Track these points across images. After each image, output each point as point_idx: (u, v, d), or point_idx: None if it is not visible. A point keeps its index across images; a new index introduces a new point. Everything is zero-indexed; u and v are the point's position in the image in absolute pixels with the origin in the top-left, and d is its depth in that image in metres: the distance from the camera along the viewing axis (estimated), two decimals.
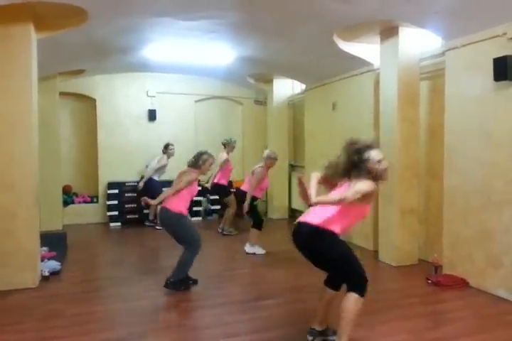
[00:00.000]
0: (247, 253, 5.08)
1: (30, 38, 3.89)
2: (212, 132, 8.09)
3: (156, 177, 6.76)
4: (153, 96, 7.62)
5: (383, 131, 4.74)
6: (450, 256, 4.04)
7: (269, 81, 7.63)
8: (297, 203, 7.51)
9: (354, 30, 4.48)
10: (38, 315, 3.24)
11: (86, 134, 7.52)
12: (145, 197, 3.87)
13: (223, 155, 6.30)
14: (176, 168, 7.41)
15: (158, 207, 3.91)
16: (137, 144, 7.54)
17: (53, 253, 4.62)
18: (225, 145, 6.44)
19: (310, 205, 2.45)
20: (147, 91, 7.59)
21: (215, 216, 7.74)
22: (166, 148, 6.80)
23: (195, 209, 7.45)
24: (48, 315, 3.24)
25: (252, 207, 5.19)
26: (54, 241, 5.05)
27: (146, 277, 4.23)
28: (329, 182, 2.71)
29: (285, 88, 7.66)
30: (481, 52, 3.67)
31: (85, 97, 7.36)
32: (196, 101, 8.00)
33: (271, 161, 5.15)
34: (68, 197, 7.13)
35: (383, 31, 4.55)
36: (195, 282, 3.89)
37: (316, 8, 3.86)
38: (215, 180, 6.29)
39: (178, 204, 3.75)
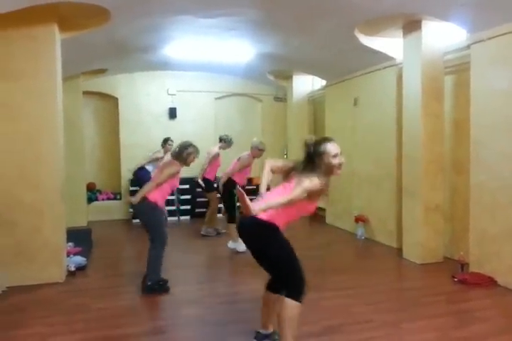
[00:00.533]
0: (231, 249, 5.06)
1: (55, 38, 3.97)
2: (232, 129, 8.08)
3: (149, 168, 6.59)
4: (174, 95, 7.69)
5: (407, 127, 4.66)
6: (477, 254, 3.95)
7: (288, 77, 7.60)
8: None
9: (376, 24, 4.41)
10: (65, 308, 3.32)
11: (109, 132, 7.65)
12: (129, 197, 3.69)
13: (215, 150, 6.04)
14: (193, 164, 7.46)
15: None
16: (158, 142, 7.59)
17: (79, 249, 4.72)
18: (221, 139, 6.16)
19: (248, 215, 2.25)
20: (168, 90, 7.66)
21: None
22: (165, 143, 6.72)
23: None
24: (74, 309, 3.31)
25: (230, 197, 5.03)
26: (79, 237, 5.16)
27: (168, 273, 4.26)
28: (286, 172, 2.58)
29: (305, 84, 7.62)
30: (508, 44, 3.56)
31: (108, 96, 7.48)
32: (216, 99, 8.03)
33: (257, 152, 5.04)
34: (92, 194, 7.27)
35: (406, 25, 4.47)
36: (166, 282, 3.75)
37: (336, 3, 3.82)
38: (204, 174, 6.00)
39: (156, 195, 3.63)
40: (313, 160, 2.44)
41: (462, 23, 3.94)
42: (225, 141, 6.11)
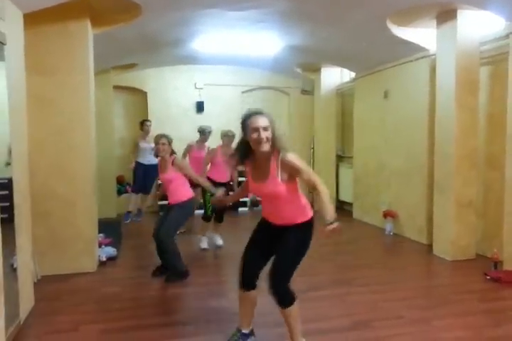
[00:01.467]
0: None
1: (88, 33, 4.04)
2: None
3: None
4: (201, 88, 7.72)
5: (439, 120, 4.53)
6: (511, 251, 3.82)
7: (316, 70, 7.50)
8: (345, 194, 7.39)
9: (408, 14, 4.28)
10: (97, 297, 3.42)
11: (138, 126, 7.75)
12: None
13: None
14: None
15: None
16: (186, 135, 7.66)
17: (109, 240, 4.84)
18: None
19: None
20: (195, 84, 7.70)
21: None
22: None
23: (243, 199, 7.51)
24: (105, 298, 3.40)
25: (204, 196, 4.89)
26: (109, 229, 5.30)
27: (198, 264, 4.33)
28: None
29: (333, 77, 7.50)
30: None
31: (137, 90, 7.58)
32: (243, 92, 8.02)
33: (227, 138, 4.95)
34: (122, 186, 7.42)
35: (440, 14, 4.32)
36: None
37: None
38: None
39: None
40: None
41: (500, 11, 3.77)
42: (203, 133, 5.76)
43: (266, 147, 2.19)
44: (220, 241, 5.11)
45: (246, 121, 2.26)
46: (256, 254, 2.44)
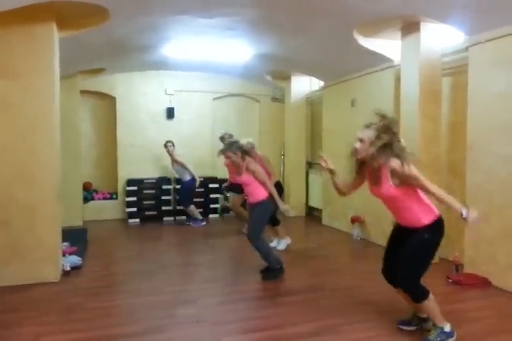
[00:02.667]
0: None
1: (53, 37, 3.96)
2: (230, 129, 8.02)
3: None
4: (172, 94, 7.68)
5: (403, 129, 4.64)
6: (472, 255, 3.96)
7: (286, 78, 7.61)
8: (314, 201, 7.48)
9: (374, 25, 4.42)
10: (59, 308, 3.30)
11: (106, 132, 7.63)
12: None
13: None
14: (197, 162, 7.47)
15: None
16: (156, 142, 7.60)
17: (74, 249, 4.70)
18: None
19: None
20: (165, 90, 7.65)
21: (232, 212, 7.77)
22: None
23: (212, 206, 7.50)
24: (68, 308, 3.30)
25: None
26: (74, 237, 5.14)
27: (164, 272, 4.27)
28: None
29: (303, 85, 7.63)
30: (506, 47, 3.58)
31: (105, 95, 7.46)
32: (214, 99, 8.02)
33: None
34: (88, 193, 7.25)
35: (404, 27, 4.48)
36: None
37: (335, 4, 3.83)
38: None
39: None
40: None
41: (460, 25, 3.95)
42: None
43: (357, 156, 2.66)
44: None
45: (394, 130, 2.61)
46: (393, 253, 2.80)
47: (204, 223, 6.89)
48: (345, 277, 4.11)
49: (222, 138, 5.98)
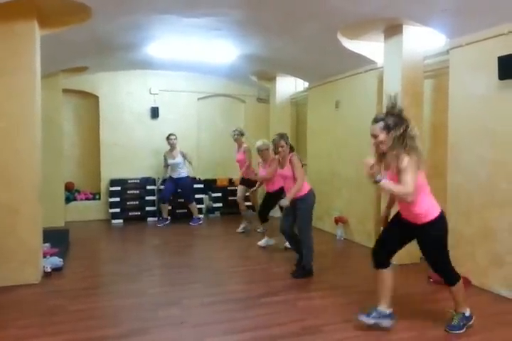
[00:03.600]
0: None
1: (34, 34, 3.90)
2: (215, 130, 8.11)
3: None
4: (156, 94, 7.62)
5: None
6: (452, 255, 3.95)
7: (271, 79, 7.63)
8: None
9: (358, 28, 4.46)
10: (40, 310, 3.25)
11: (89, 131, 7.53)
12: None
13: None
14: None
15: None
16: (140, 141, 7.55)
17: (55, 250, 4.63)
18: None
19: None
20: (150, 89, 7.60)
21: (217, 213, 7.76)
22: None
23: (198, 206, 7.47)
24: (50, 310, 3.25)
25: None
26: (56, 238, 5.07)
27: (148, 274, 4.24)
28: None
29: (288, 86, 7.65)
30: (486, 50, 3.65)
31: (88, 94, 7.36)
32: (199, 99, 8.00)
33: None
34: (70, 193, 7.15)
35: (387, 29, 4.53)
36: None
37: (319, 6, 3.85)
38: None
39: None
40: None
41: (442, 28, 4.02)
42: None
43: (380, 150, 2.80)
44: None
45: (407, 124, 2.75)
46: (390, 236, 2.97)
47: (201, 222, 6.97)
48: (329, 277, 4.13)
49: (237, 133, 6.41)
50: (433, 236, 2.80)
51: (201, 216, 7.24)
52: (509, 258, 3.49)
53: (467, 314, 2.92)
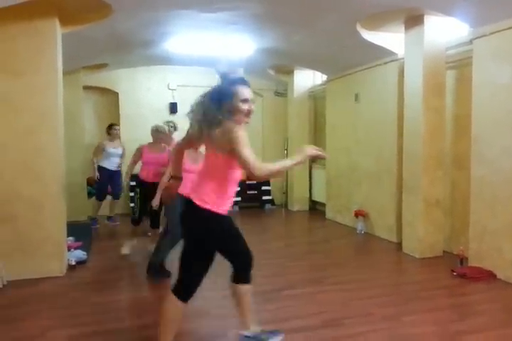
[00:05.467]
0: None
1: (56, 32, 3.95)
2: None
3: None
4: (174, 89, 7.67)
5: (407, 122, 4.66)
6: (477, 248, 3.96)
7: (289, 72, 7.58)
8: (318, 195, 7.48)
9: (378, 19, 4.39)
10: (64, 302, 3.33)
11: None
12: None
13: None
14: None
15: None
16: None
17: (79, 243, 4.74)
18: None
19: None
20: (168, 85, 7.65)
21: (235, 208, 7.78)
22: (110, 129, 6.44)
23: None
24: (74, 302, 3.32)
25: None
26: (79, 232, 5.18)
27: (170, 266, 4.28)
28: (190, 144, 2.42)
29: (306, 79, 7.59)
30: (510, 39, 3.55)
31: (108, 91, 7.46)
32: None
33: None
34: (92, 188, 7.26)
35: (408, 20, 4.45)
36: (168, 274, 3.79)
37: None
38: None
39: None
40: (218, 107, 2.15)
41: (465, 17, 3.92)
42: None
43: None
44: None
45: (231, 89, 2.19)
46: None
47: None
48: (349, 271, 4.12)
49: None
50: None
51: None
52: None
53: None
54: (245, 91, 2.21)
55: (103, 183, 6.41)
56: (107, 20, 4.22)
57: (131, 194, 6.29)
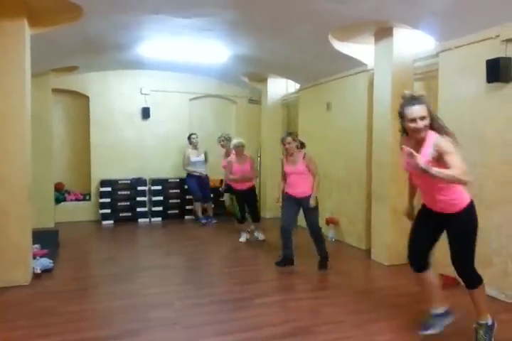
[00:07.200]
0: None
1: (24, 33, 3.87)
2: (206, 130, 8.09)
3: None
4: (147, 94, 7.60)
5: (376, 132, 4.77)
6: (441, 256, 4.07)
7: (263, 80, 7.64)
8: None
9: (349, 30, 4.50)
10: (30, 312, 3.22)
11: (79, 131, 7.48)
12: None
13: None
14: (171, 164, 7.43)
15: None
16: (131, 142, 7.52)
17: (45, 251, 4.59)
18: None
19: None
20: (141, 89, 7.56)
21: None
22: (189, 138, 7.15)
23: (187, 207, 7.47)
24: (40, 312, 3.22)
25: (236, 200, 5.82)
26: (46, 239, 5.02)
27: (139, 275, 4.22)
28: None
29: (279, 87, 7.68)
30: (474, 53, 3.70)
31: (79, 94, 7.31)
32: (191, 100, 7.98)
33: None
34: (60, 194, 7.08)
35: (378, 32, 4.58)
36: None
37: (311, 8, 3.88)
38: None
39: None
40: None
41: (431, 31, 4.07)
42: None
43: (422, 134, 2.45)
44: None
45: (402, 108, 2.51)
46: (422, 235, 2.76)
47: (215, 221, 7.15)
48: (320, 278, 4.16)
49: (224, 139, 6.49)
50: (467, 225, 2.54)
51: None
52: (496, 259, 3.54)
53: (490, 323, 2.66)
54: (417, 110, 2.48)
55: (196, 189, 7.00)
56: (77, 22, 4.16)
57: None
